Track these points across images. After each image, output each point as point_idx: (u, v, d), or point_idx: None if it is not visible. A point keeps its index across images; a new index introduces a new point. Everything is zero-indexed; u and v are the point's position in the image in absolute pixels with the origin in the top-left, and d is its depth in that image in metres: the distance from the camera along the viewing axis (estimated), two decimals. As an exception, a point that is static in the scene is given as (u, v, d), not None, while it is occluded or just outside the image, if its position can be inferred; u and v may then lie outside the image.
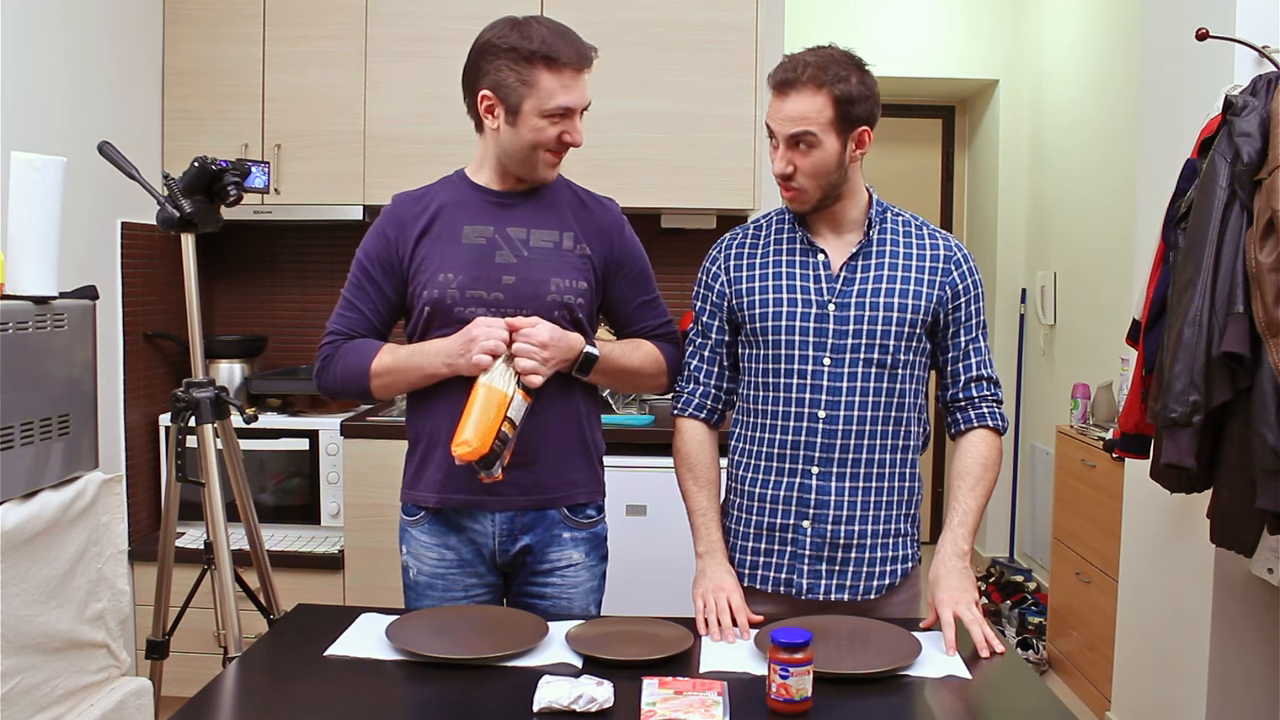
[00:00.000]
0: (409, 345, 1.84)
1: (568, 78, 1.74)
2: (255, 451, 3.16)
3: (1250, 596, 2.52)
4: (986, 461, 1.82)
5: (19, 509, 1.97)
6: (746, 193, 3.26)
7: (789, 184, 1.75)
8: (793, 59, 1.73)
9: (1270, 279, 2.01)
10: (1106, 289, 3.94)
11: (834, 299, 1.77)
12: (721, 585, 1.76)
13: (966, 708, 1.49)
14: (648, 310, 1.96)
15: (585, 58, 1.76)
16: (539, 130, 1.76)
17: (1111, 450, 2.99)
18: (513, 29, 1.74)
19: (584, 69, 1.76)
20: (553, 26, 1.76)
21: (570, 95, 1.75)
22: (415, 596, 1.91)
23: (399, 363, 1.82)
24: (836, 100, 1.69)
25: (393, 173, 3.23)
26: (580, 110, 1.79)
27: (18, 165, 2.10)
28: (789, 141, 1.72)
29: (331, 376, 1.88)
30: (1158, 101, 2.84)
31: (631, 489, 2.89)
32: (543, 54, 1.71)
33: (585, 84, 1.78)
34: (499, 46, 1.74)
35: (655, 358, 1.93)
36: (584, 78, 1.77)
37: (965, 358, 1.83)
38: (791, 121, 1.70)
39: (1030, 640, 3.86)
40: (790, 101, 1.70)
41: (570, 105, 1.76)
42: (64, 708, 2.08)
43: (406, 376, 1.82)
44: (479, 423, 1.64)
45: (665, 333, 1.98)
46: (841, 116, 1.70)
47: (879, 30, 4.93)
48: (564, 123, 1.77)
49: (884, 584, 1.81)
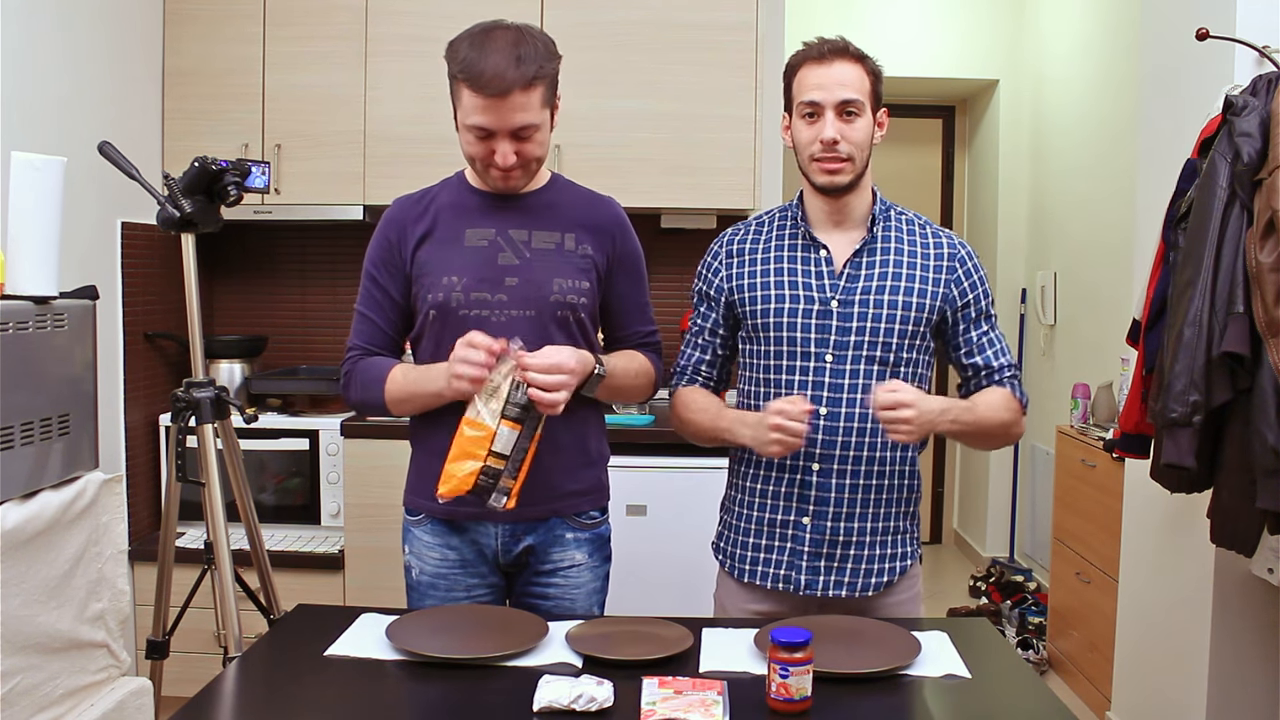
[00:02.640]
0: (418, 367, 1.82)
1: (485, 101, 1.68)
2: (255, 451, 3.16)
3: (1250, 596, 2.52)
4: (1004, 402, 1.79)
5: (19, 509, 1.97)
6: (746, 193, 3.26)
7: (833, 153, 1.74)
8: (820, 39, 1.77)
9: (1270, 279, 2.01)
10: (1106, 289, 3.94)
11: (837, 296, 1.78)
12: (778, 407, 1.67)
13: (966, 708, 1.49)
14: (640, 315, 1.95)
15: (509, 84, 1.66)
16: (469, 144, 1.75)
17: (1111, 450, 2.99)
18: (463, 42, 1.71)
19: (508, 94, 1.66)
20: (496, 46, 1.68)
21: (486, 117, 1.69)
22: (418, 597, 1.91)
23: (412, 388, 1.80)
24: (872, 74, 1.76)
25: (393, 173, 3.24)
26: (505, 133, 1.71)
27: (18, 165, 2.10)
28: (838, 109, 1.73)
29: (353, 397, 1.88)
30: (1158, 101, 2.84)
31: (631, 489, 2.89)
32: (461, 75, 1.69)
33: (514, 108, 1.68)
34: (446, 55, 1.74)
35: (648, 371, 1.93)
36: (512, 102, 1.67)
37: (982, 350, 1.83)
38: (841, 87, 1.73)
39: (1030, 640, 3.86)
40: (835, 68, 1.73)
41: (485, 126, 1.70)
42: (64, 708, 2.08)
43: (422, 401, 1.80)
44: (455, 463, 1.64)
45: (651, 342, 1.97)
46: (874, 91, 1.77)
47: (879, 30, 4.93)
48: (491, 141, 1.72)
49: (883, 581, 1.81)
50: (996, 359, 1.83)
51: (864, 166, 1.78)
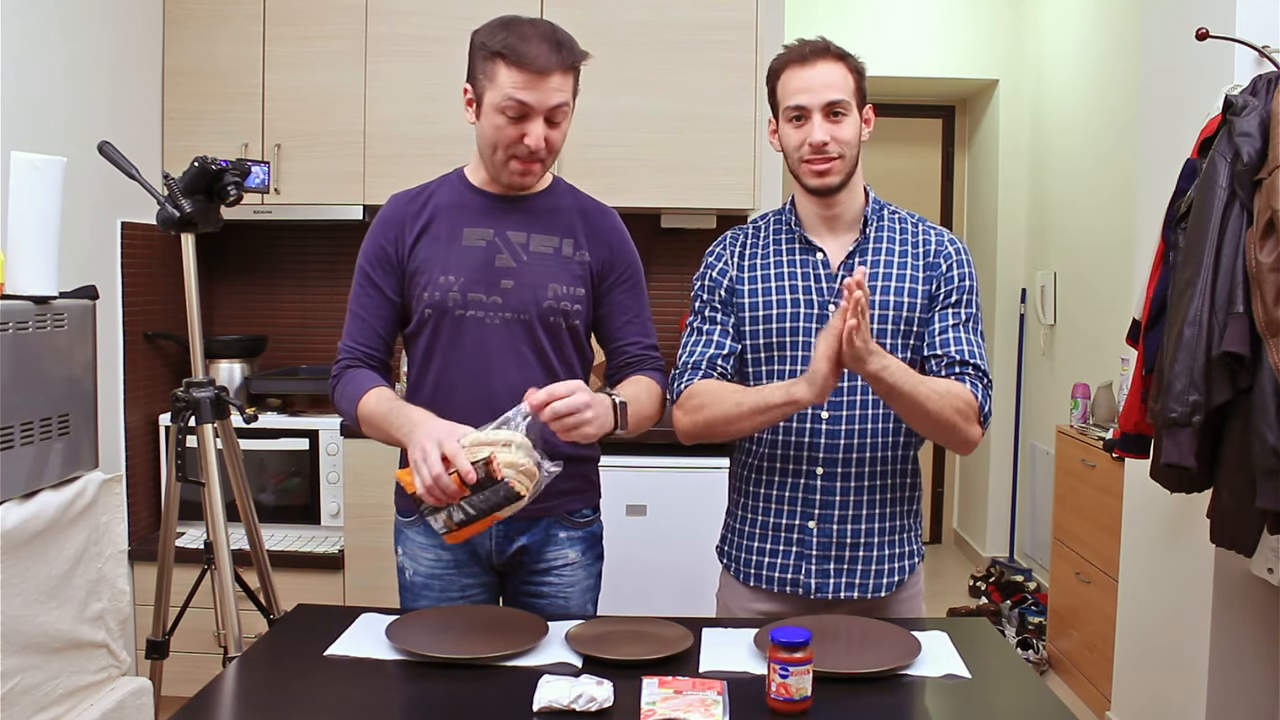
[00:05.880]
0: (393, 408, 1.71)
1: (527, 77, 1.69)
2: (255, 451, 3.16)
3: (1250, 596, 2.52)
4: (959, 399, 1.66)
5: (19, 509, 1.97)
6: (746, 193, 3.26)
7: (823, 154, 1.73)
8: (800, 40, 1.77)
9: (1270, 279, 2.01)
10: (1106, 289, 3.94)
11: (833, 299, 1.77)
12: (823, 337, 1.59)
13: (966, 708, 1.49)
14: (640, 327, 1.92)
15: (551, 64, 1.68)
16: (498, 128, 1.73)
17: (1111, 450, 2.99)
18: (499, 28, 1.72)
19: (549, 73, 1.69)
20: (535, 31, 1.71)
21: (525, 93, 1.69)
22: (412, 597, 1.91)
23: (381, 424, 1.72)
24: (855, 72, 1.75)
25: (393, 173, 3.23)
26: (541, 112, 1.71)
27: (18, 165, 2.10)
28: (824, 110, 1.72)
29: (336, 405, 1.85)
30: (1158, 101, 2.84)
31: (631, 489, 2.89)
32: (503, 52, 1.69)
33: (553, 88, 1.70)
34: (476, 43, 1.75)
35: (659, 396, 1.86)
36: (551, 82, 1.70)
37: (945, 345, 1.74)
38: (826, 88, 1.72)
39: (1030, 640, 3.86)
40: (819, 69, 1.72)
41: (525, 101, 1.70)
42: (64, 708, 2.08)
43: (389, 439, 1.73)
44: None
45: (652, 357, 1.92)
46: (859, 89, 1.75)
47: (879, 30, 4.93)
48: (523, 124, 1.72)
49: (893, 580, 1.81)
50: (960, 354, 1.72)
51: (854, 165, 1.77)
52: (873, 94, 1.81)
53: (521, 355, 1.82)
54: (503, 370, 1.80)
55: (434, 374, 1.84)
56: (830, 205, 1.80)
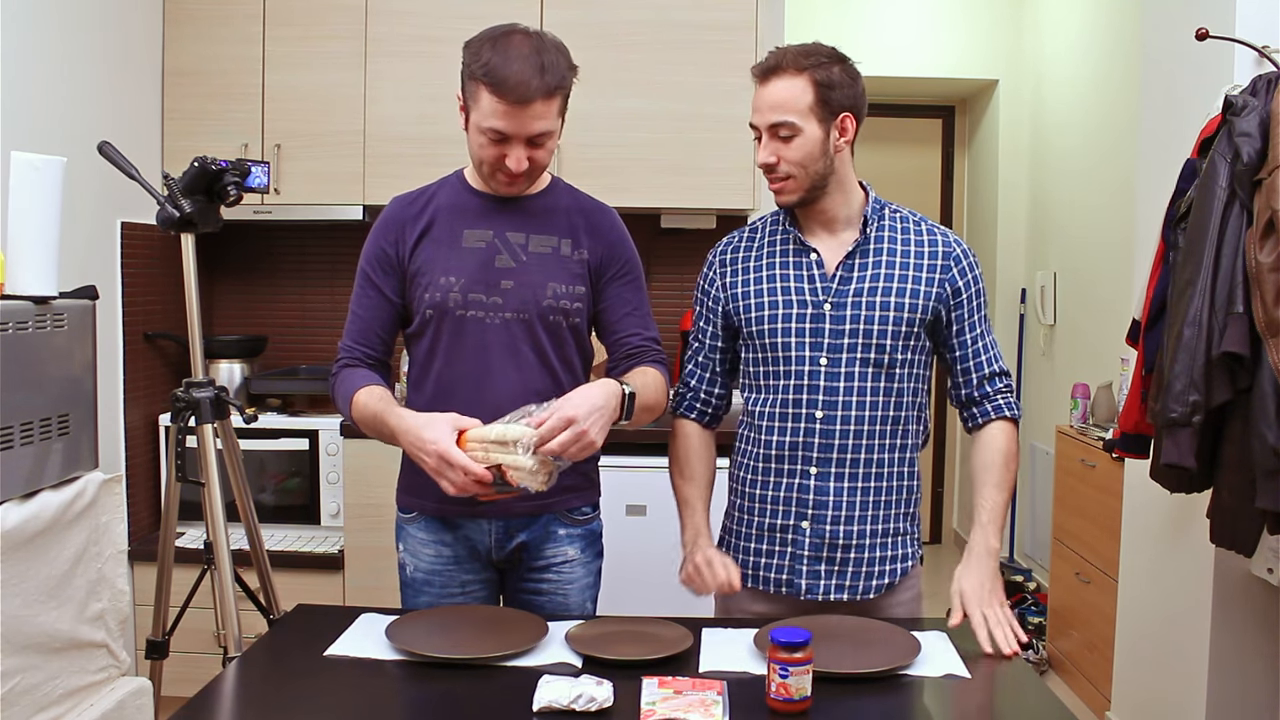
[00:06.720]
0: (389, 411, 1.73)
1: (506, 107, 1.67)
2: (255, 451, 3.16)
3: (1250, 596, 2.52)
4: (1008, 454, 1.82)
5: (19, 509, 1.97)
6: (746, 193, 3.26)
7: (774, 174, 1.75)
8: (778, 49, 1.75)
9: (1270, 279, 2.00)
10: (1106, 289, 3.94)
11: (829, 299, 1.77)
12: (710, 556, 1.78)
13: (966, 708, 1.49)
14: (641, 320, 1.92)
15: (532, 93, 1.66)
16: (481, 146, 1.74)
17: (1111, 450, 2.99)
18: (486, 44, 1.70)
19: (529, 103, 1.67)
20: (520, 54, 1.68)
21: (504, 122, 1.69)
22: (412, 594, 1.91)
23: (374, 421, 1.75)
24: (817, 84, 1.70)
25: (392, 173, 3.24)
26: (523, 139, 1.71)
27: (18, 165, 2.10)
28: (770, 132, 1.72)
29: (336, 404, 1.86)
30: (1158, 101, 2.84)
31: (631, 489, 2.89)
32: (484, 79, 1.68)
33: (534, 116, 1.69)
34: (465, 57, 1.73)
35: (664, 388, 1.88)
36: (533, 110, 1.68)
37: (975, 355, 1.83)
38: (771, 109, 1.71)
39: (1030, 640, 3.86)
40: (771, 88, 1.72)
41: (503, 130, 1.70)
42: (64, 708, 2.08)
43: (383, 437, 1.76)
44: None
45: (654, 349, 1.93)
46: (822, 101, 1.71)
47: (879, 30, 4.93)
48: (504, 146, 1.72)
49: (884, 583, 1.81)
50: (989, 366, 1.83)
51: (814, 179, 1.74)
52: (872, 94, 1.80)
53: (522, 355, 1.82)
54: (503, 370, 1.81)
55: (435, 374, 1.85)
56: (813, 211, 1.80)
